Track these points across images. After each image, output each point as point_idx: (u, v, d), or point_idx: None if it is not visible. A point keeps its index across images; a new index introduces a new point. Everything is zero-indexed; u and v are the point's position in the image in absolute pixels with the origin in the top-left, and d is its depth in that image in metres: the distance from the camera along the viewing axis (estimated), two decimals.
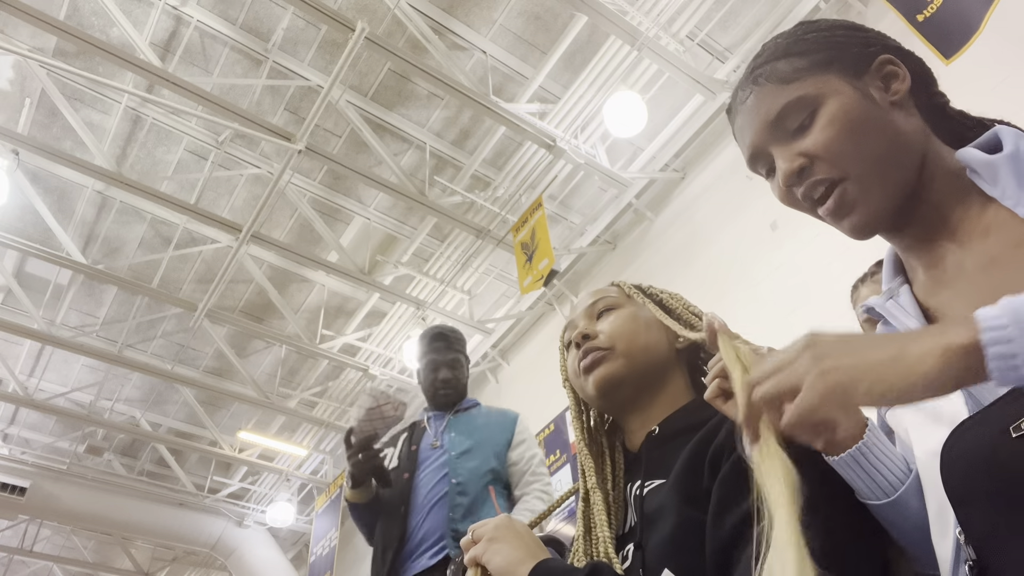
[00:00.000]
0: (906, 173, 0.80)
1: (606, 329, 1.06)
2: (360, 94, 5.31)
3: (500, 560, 0.94)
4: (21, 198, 5.52)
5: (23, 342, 6.64)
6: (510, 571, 0.92)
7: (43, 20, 4.05)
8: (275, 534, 8.53)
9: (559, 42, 4.99)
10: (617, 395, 1.04)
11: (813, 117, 0.81)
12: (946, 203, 0.80)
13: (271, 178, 5.27)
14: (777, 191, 0.86)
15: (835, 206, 0.80)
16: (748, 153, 0.88)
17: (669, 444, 0.97)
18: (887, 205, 0.80)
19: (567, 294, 5.85)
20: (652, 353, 1.04)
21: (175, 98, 4.93)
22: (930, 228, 0.81)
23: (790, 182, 0.82)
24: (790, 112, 0.82)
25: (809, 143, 0.80)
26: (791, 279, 3.99)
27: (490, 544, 0.96)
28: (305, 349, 6.41)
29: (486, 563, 0.95)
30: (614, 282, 1.16)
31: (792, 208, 0.88)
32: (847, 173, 0.79)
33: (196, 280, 6.49)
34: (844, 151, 0.79)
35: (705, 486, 0.84)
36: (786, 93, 0.83)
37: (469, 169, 5.61)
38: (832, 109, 0.80)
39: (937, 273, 0.80)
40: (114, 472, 8.10)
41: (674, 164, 5.13)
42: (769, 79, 0.84)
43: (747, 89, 0.87)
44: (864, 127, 0.80)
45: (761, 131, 0.84)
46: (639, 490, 0.96)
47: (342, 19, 4.22)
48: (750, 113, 0.86)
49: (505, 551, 0.94)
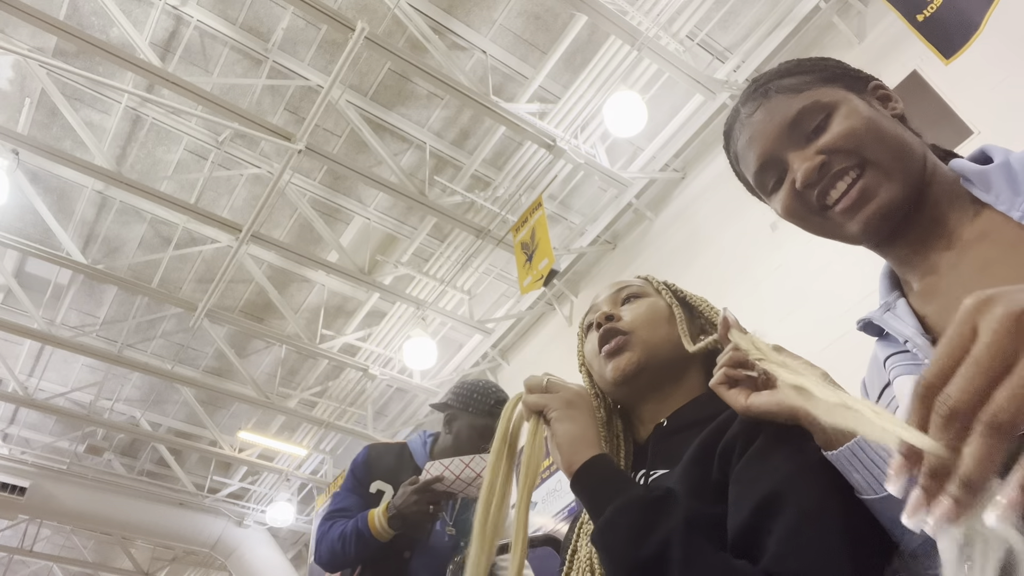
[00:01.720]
0: (917, 168, 0.83)
1: (629, 315, 1.06)
2: (360, 94, 5.31)
3: (566, 429, 0.90)
4: (21, 198, 5.52)
5: (23, 342, 6.64)
6: (571, 447, 0.88)
7: (43, 20, 4.05)
8: (275, 534, 8.53)
9: (559, 42, 4.99)
10: (635, 383, 1.03)
11: (829, 119, 0.83)
12: (943, 209, 0.83)
13: (271, 178, 5.27)
14: (784, 201, 0.87)
15: (857, 195, 0.81)
16: (758, 164, 0.88)
17: (676, 436, 0.97)
18: (904, 195, 0.81)
19: (567, 294, 5.85)
20: (672, 346, 1.03)
21: (175, 98, 4.92)
22: (927, 234, 0.84)
23: (810, 180, 0.83)
24: (806, 115, 0.84)
25: (828, 138, 0.83)
26: (791, 279, 3.99)
27: (564, 406, 0.92)
28: (305, 349, 6.41)
29: (552, 420, 0.91)
30: (641, 275, 1.16)
31: (796, 221, 0.88)
32: (867, 159, 0.81)
33: (196, 280, 6.49)
34: (864, 141, 0.81)
35: (714, 479, 0.84)
36: (800, 100, 0.85)
37: (469, 169, 5.61)
38: (848, 109, 0.84)
39: (933, 280, 0.82)
40: (114, 472, 8.10)
41: (674, 164, 5.13)
42: (780, 91, 0.87)
43: (754, 103, 0.89)
44: (879, 122, 0.84)
45: (776, 137, 0.86)
46: (643, 478, 0.95)
47: (342, 19, 4.22)
48: (761, 123, 0.87)
49: (577, 424, 0.91)
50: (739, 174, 0.97)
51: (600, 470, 0.86)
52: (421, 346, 5.95)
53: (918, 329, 0.80)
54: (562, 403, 0.93)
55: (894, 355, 0.84)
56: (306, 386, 7.33)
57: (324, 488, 7.67)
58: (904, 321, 0.82)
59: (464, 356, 6.77)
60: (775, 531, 0.74)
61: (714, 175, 4.86)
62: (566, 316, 5.83)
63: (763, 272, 4.20)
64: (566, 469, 0.88)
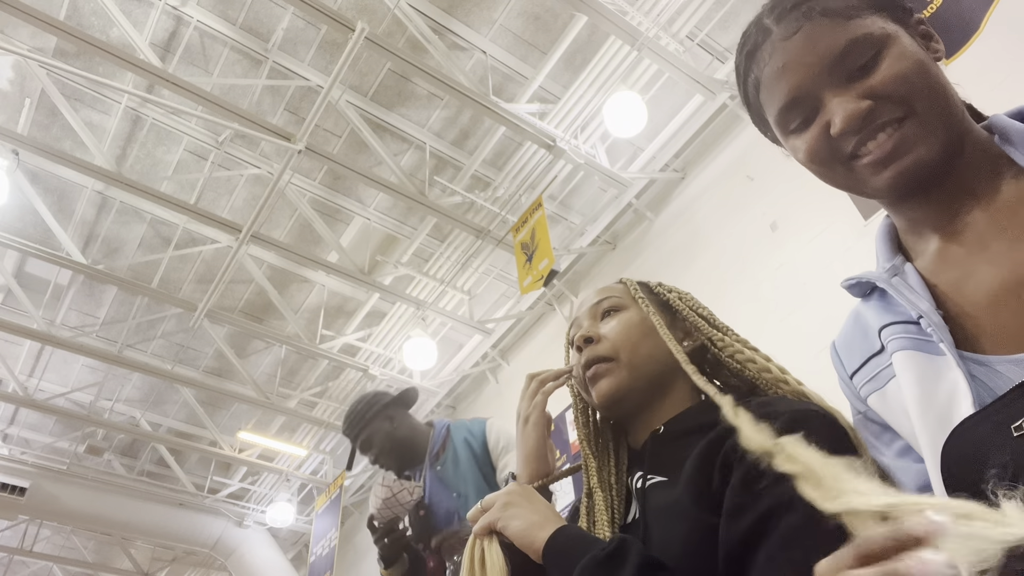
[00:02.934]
0: (958, 123, 0.74)
1: (610, 336, 1.04)
2: (360, 94, 5.31)
3: (518, 524, 0.90)
4: (21, 198, 5.52)
5: (23, 342, 6.64)
6: (530, 535, 0.88)
7: (43, 20, 4.04)
8: (275, 534, 8.53)
9: (559, 42, 4.99)
10: (622, 406, 1.02)
11: (878, 58, 0.73)
12: (974, 173, 0.74)
13: (271, 178, 5.27)
14: (811, 143, 0.77)
15: (893, 147, 0.72)
16: (789, 97, 0.77)
17: (673, 443, 0.96)
18: (940, 152, 0.72)
19: (567, 294, 5.85)
20: (656, 360, 1.01)
21: (175, 98, 4.92)
22: (952, 196, 0.75)
23: (852, 127, 0.72)
24: (856, 48, 0.73)
25: (878, 81, 0.72)
26: (791, 279, 3.98)
27: (505, 509, 0.93)
28: (305, 349, 6.41)
29: (502, 529, 0.92)
30: (622, 279, 1.13)
31: (816, 168, 0.79)
32: (912, 111, 0.72)
33: (196, 280, 6.49)
34: (914, 88, 0.72)
35: (715, 488, 0.83)
36: (849, 29, 0.74)
37: (469, 169, 5.61)
38: (899, 50, 0.74)
39: (952, 248, 0.75)
40: (114, 472, 8.10)
41: (674, 164, 5.13)
42: (824, 14, 0.75)
43: (792, 23, 0.76)
44: (930, 67, 0.74)
45: (818, 70, 0.75)
46: (640, 481, 0.95)
47: (342, 19, 4.22)
48: (801, 50, 0.75)
49: (523, 515, 0.91)
50: (751, 103, 0.85)
51: (558, 544, 0.87)
52: (421, 346, 5.94)
53: (931, 302, 0.73)
54: (501, 508, 0.94)
55: (894, 325, 0.77)
56: (306, 386, 7.33)
57: (324, 488, 7.67)
58: (917, 292, 0.75)
59: (464, 356, 6.77)
60: (763, 548, 0.73)
61: (714, 175, 4.86)
62: (566, 316, 5.83)
63: (763, 272, 4.20)
64: (535, 558, 0.89)
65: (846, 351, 0.87)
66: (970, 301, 0.72)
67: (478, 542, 0.95)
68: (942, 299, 0.74)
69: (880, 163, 0.73)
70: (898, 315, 0.77)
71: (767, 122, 0.84)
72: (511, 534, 0.91)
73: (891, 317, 0.78)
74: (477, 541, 0.95)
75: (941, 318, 0.72)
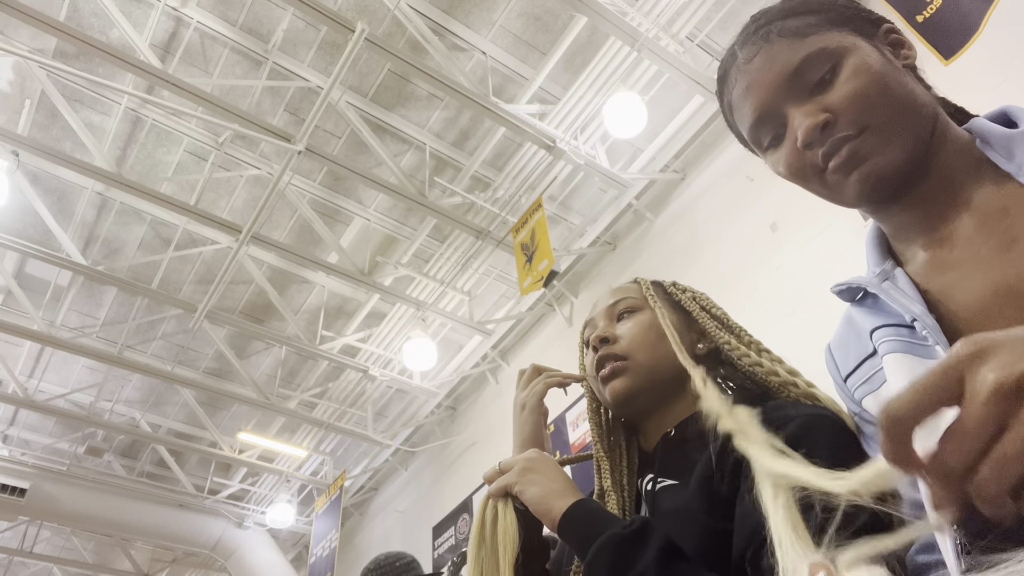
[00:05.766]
0: (923, 131, 0.75)
1: (625, 336, 1.04)
2: (360, 95, 5.31)
3: (536, 491, 0.88)
4: (21, 199, 5.52)
5: (23, 343, 6.64)
6: (547, 503, 0.87)
7: (43, 21, 4.05)
8: (275, 535, 8.53)
9: (559, 43, 4.99)
10: (634, 405, 1.02)
11: (835, 71, 0.75)
12: (956, 177, 0.75)
13: (271, 179, 5.27)
14: (787, 159, 0.79)
15: (848, 155, 0.73)
16: (755, 116, 0.80)
17: (684, 447, 0.96)
18: (903, 159, 0.74)
19: (567, 295, 5.85)
20: (671, 362, 1.00)
21: (175, 99, 4.92)
22: (935, 201, 0.75)
23: (811, 139, 0.74)
24: (811, 64, 0.76)
25: (835, 97, 0.74)
26: (791, 280, 3.98)
27: (524, 475, 0.91)
28: (305, 350, 6.41)
29: (519, 492, 0.90)
30: (636, 279, 1.13)
31: (800, 182, 0.80)
32: (868, 125, 0.73)
33: (196, 281, 6.49)
34: (870, 103, 0.74)
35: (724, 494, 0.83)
36: (805, 46, 0.76)
37: (469, 170, 5.61)
38: (856, 62, 0.75)
39: (941, 254, 0.75)
40: (114, 473, 8.09)
41: (674, 165, 5.13)
42: (782, 35, 0.78)
43: (753, 47, 0.79)
44: (888, 80, 0.75)
45: (776, 87, 0.77)
46: (650, 484, 0.95)
47: (342, 20, 4.22)
48: (760, 71, 0.78)
49: (542, 482, 0.89)
50: (731, 125, 0.89)
51: (577, 515, 0.86)
52: (421, 347, 5.94)
53: (923, 307, 0.74)
54: (520, 473, 0.92)
55: (885, 328, 0.78)
56: (306, 387, 7.32)
57: (324, 489, 7.66)
58: (909, 296, 0.75)
59: (464, 357, 6.77)
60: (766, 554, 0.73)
61: (714, 176, 4.86)
62: (566, 317, 5.83)
63: (763, 273, 4.20)
64: (549, 526, 0.88)
65: (840, 353, 0.87)
66: (961, 306, 0.72)
67: (492, 503, 0.93)
68: (933, 304, 0.74)
69: (842, 171, 0.75)
70: (888, 318, 0.78)
71: (746, 140, 0.87)
72: (527, 499, 0.89)
73: (883, 320, 0.79)
74: (491, 502, 0.93)
75: (935, 320, 0.72)
